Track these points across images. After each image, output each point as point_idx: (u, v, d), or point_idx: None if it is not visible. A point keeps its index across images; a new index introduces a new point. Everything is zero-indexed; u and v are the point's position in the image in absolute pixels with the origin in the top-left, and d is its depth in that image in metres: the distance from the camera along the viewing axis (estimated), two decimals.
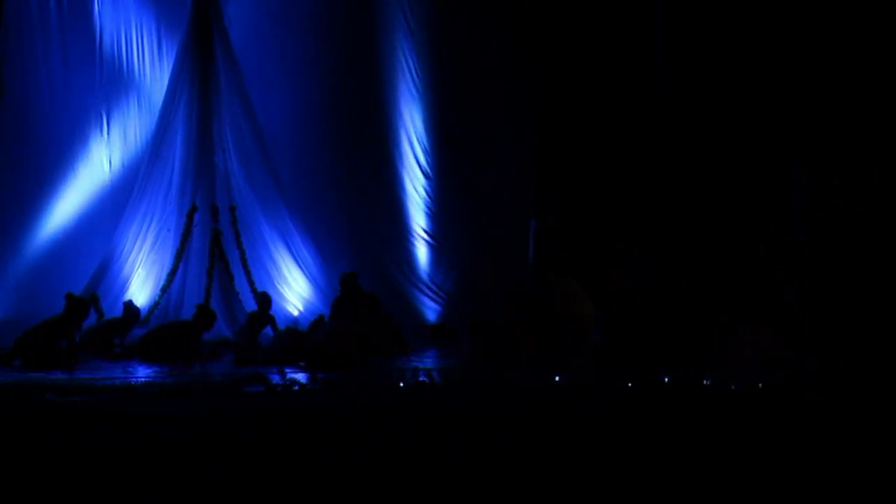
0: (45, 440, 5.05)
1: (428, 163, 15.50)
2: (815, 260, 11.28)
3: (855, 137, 10.84)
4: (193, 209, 13.34)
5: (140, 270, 12.55)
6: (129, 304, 11.86)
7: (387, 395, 7.20)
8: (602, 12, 13.97)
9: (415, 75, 15.53)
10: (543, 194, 14.36)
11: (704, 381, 8.04)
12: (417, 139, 15.54)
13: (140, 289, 12.13)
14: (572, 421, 5.86)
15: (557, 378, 7.92)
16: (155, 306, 12.76)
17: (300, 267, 12.99)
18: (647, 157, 13.54)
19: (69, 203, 13.38)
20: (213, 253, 13.24)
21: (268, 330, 12.14)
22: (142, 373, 9.20)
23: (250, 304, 13.25)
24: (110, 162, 13.90)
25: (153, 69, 14.29)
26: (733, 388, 7.84)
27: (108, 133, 13.91)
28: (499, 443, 5.05)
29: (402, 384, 7.61)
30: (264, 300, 12.43)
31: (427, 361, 10.65)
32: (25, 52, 13.21)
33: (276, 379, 7.90)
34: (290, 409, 6.49)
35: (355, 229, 11.62)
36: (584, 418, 5.95)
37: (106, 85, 13.89)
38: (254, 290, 13.30)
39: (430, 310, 14.98)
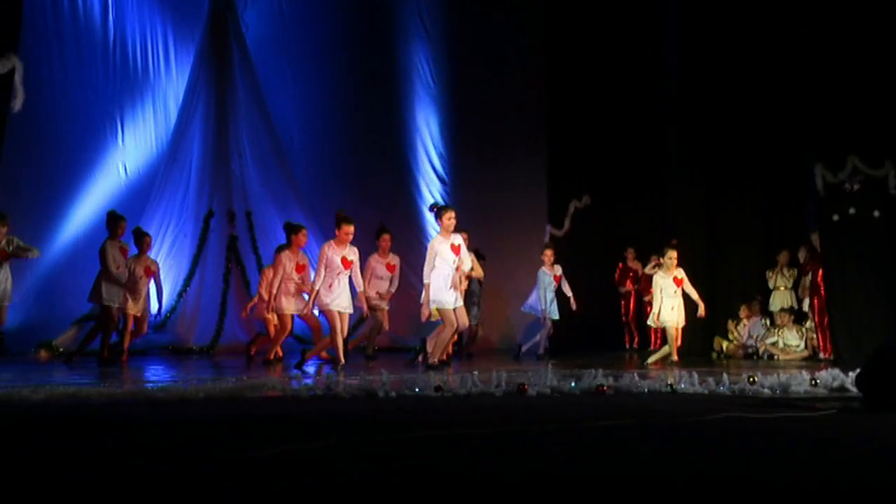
0: (40, 448, 5.02)
1: (443, 167, 15.53)
2: (830, 264, 11.20)
3: (870, 141, 10.76)
4: (210, 214, 13.42)
5: None
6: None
7: (402, 402, 7.16)
8: (616, 18, 13.95)
9: (431, 80, 15.59)
10: (557, 199, 14.35)
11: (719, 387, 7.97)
12: (433, 143, 15.57)
13: None
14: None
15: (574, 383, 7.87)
16: (172, 311, 12.82)
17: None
18: (660, 160, 13.49)
19: (86, 209, 13.47)
20: (230, 258, 13.30)
21: None
22: (155, 378, 9.21)
23: None
24: (126, 167, 13.99)
25: (168, 75, 14.40)
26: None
27: (122, 139, 14.01)
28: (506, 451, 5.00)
29: (416, 389, 7.58)
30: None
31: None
32: (43, 60, 13.32)
33: (294, 385, 7.88)
34: (307, 415, 6.45)
35: (371, 233, 11.61)
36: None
37: (121, 91, 14.01)
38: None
39: None
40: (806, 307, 12.26)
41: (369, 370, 9.51)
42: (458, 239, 10.36)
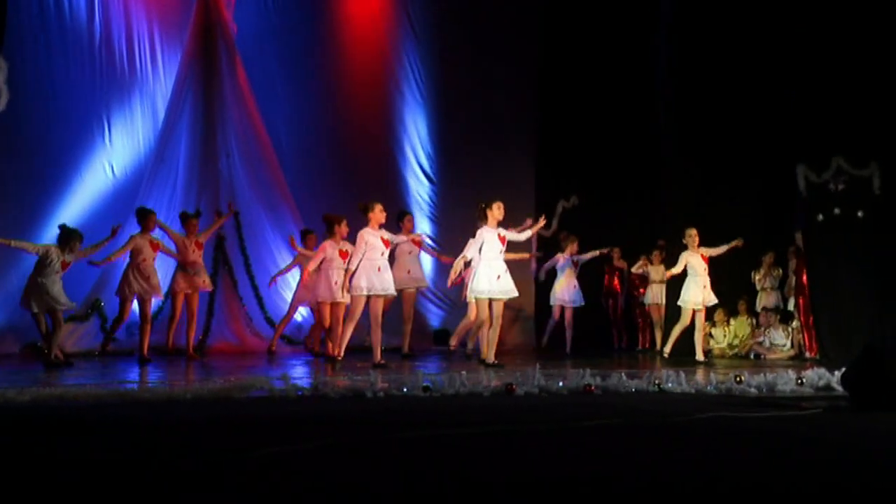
0: (28, 450, 5.00)
1: (431, 168, 15.53)
2: (814, 263, 11.27)
3: (855, 142, 10.82)
4: (197, 214, 13.35)
5: None
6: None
7: (390, 402, 7.16)
8: (608, 18, 13.99)
9: (419, 80, 15.59)
10: (545, 199, 14.38)
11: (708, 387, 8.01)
12: (421, 144, 15.57)
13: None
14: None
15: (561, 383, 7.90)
16: (159, 311, 12.74)
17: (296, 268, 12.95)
18: (649, 161, 13.52)
19: (73, 209, 13.38)
20: (218, 258, 13.26)
21: None
22: (142, 378, 9.18)
23: (254, 310, 13.27)
24: (112, 167, 13.94)
25: (155, 75, 14.34)
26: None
27: (109, 138, 13.96)
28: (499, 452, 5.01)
29: (405, 389, 7.58)
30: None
31: (430, 367, 10.60)
32: (28, 60, 13.25)
33: (279, 385, 7.85)
34: (293, 415, 6.44)
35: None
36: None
37: (108, 90, 13.95)
38: (257, 295, 13.35)
39: (435, 315, 15.00)
40: (791, 306, 12.32)
41: (357, 370, 9.52)
42: (503, 231, 10.56)
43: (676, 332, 11.53)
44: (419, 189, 15.45)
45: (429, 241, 14.67)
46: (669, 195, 12.76)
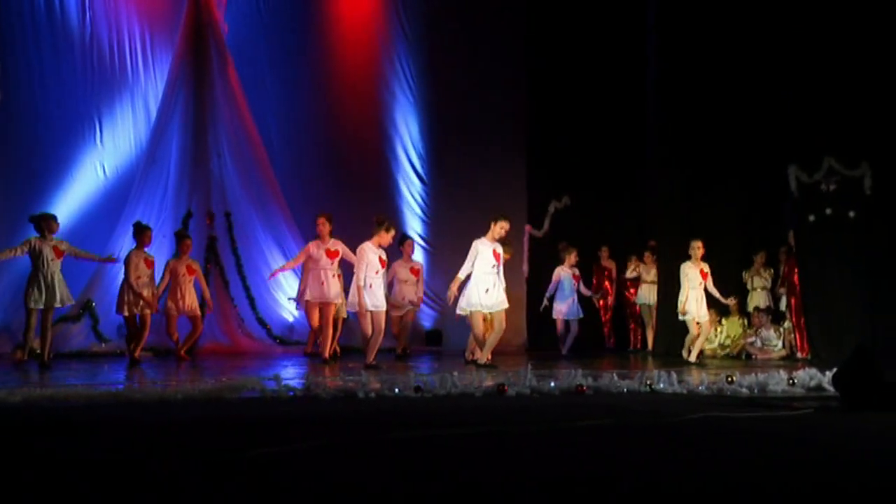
0: (19, 451, 4.97)
1: (423, 168, 15.52)
2: (805, 263, 11.30)
3: (846, 142, 10.85)
4: (188, 215, 13.35)
5: None
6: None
7: (381, 403, 7.15)
8: (596, 19, 14.01)
9: (410, 81, 15.57)
10: (537, 199, 14.40)
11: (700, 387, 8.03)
12: (413, 144, 15.56)
13: None
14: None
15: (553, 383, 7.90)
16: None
17: (296, 272, 12.94)
18: (640, 161, 13.56)
19: (64, 210, 13.34)
20: (209, 259, 13.26)
21: None
22: (134, 379, 9.16)
23: (245, 310, 13.25)
24: (104, 168, 13.90)
25: (147, 75, 14.32)
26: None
27: (101, 139, 13.92)
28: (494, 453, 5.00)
29: (396, 390, 7.58)
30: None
31: (422, 367, 10.61)
32: (20, 60, 13.23)
33: (271, 385, 7.84)
34: (286, 416, 6.43)
35: (352, 234, 11.59)
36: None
37: (99, 91, 13.91)
38: (249, 296, 13.33)
39: (427, 315, 14.99)
40: (783, 306, 12.35)
41: (348, 370, 9.51)
42: (500, 248, 10.55)
43: (699, 343, 11.47)
44: (410, 189, 15.44)
45: (421, 241, 14.69)
46: (661, 195, 12.78)
